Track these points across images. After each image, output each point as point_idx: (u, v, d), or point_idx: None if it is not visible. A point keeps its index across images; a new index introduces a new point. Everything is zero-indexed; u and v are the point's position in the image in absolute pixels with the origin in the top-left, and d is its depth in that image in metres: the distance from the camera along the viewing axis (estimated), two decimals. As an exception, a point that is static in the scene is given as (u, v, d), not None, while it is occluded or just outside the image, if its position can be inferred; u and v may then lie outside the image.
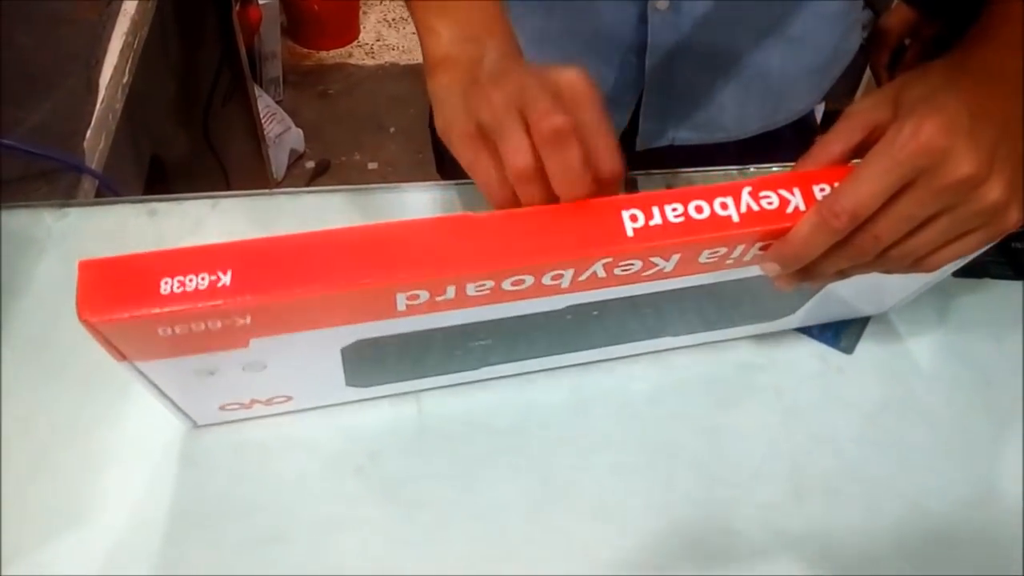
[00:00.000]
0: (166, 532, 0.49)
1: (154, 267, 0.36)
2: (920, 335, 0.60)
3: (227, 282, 0.36)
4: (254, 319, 0.38)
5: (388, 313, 0.41)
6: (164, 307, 0.36)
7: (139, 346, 0.39)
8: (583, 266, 0.40)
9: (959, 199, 0.37)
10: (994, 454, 0.55)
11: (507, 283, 0.40)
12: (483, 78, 0.42)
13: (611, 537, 0.50)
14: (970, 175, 0.36)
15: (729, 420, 0.55)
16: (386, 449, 0.53)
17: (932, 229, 0.39)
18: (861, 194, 0.37)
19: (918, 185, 0.37)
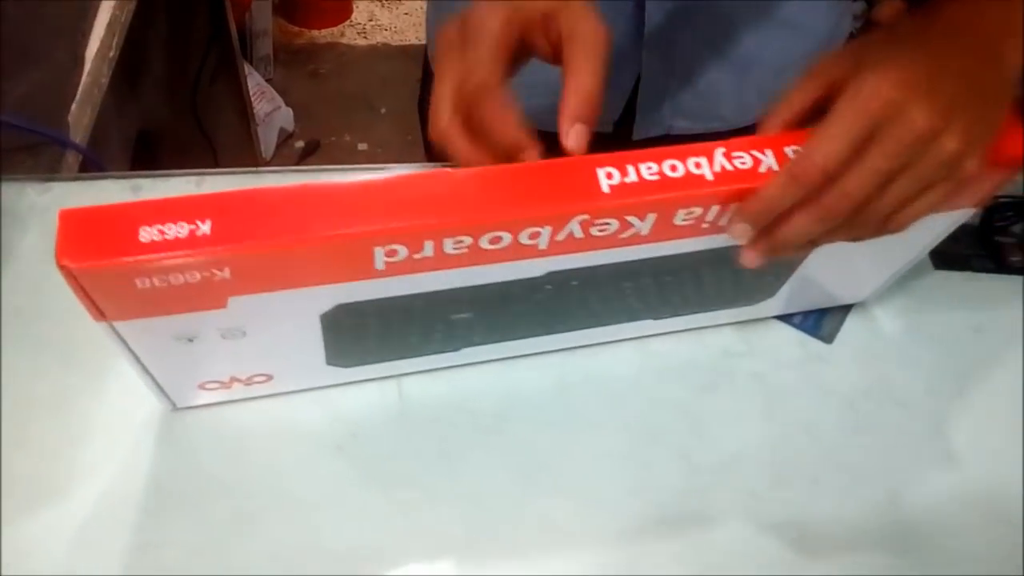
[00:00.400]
0: (143, 508, 0.49)
1: (134, 216, 0.37)
2: (901, 325, 0.61)
3: (207, 231, 0.37)
4: (233, 272, 0.38)
5: (366, 271, 0.41)
6: (143, 255, 0.36)
7: (117, 300, 0.39)
8: (560, 223, 0.41)
9: (920, 152, 0.38)
10: (972, 443, 0.55)
11: (485, 240, 0.40)
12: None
13: (591, 519, 0.51)
14: (928, 128, 0.37)
15: (710, 406, 0.56)
16: (367, 430, 0.53)
17: (898, 185, 0.39)
18: (829, 149, 0.38)
19: (882, 138, 0.38)
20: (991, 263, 0.66)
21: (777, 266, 0.52)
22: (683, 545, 0.50)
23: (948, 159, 0.39)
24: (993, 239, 0.67)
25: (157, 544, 0.48)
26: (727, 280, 0.52)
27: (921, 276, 0.64)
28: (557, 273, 0.45)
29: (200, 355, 0.46)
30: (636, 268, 0.47)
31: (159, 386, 0.49)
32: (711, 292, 0.53)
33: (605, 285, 0.49)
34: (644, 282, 0.50)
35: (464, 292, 0.45)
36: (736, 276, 0.52)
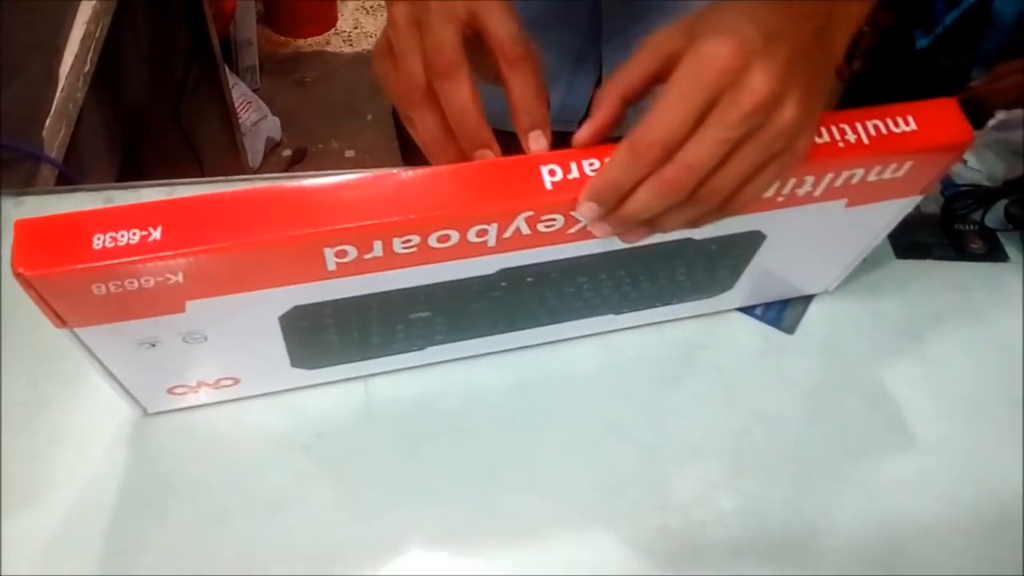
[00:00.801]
0: (115, 513, 0.50)
1: (87, 224, 0.38)
2: (862, 315, 0.62)
3: (158, 237, 0.38)
4: (186, 276, 0.39)
5: (319, 273, 0.42)
6: (96, 261, 0.37)
7: (75, 307, 0.40)
8: (506, 220, 0.42)
9: (760, 121, 0.37)
10: (932, 431, 0.56)
11: (433, 239, 0.41)
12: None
13: (553, 514, 0.51)
14: (768, 93, 0.36)
15: (671, 398, 0.57)
16: (334, 430, 0.54)
17: (741, 156, 0.38)
18: (669, 123, 0.37)
19: (721, 107, 0.37)
20: (952, 251, 0.66)
21: (730, 258, 0.53)
22: (645, 537, 0.51)
23: (788, 128, 0.38)
24: (953, 227, 0.68)
25: (129, 549, 0.49)
26: (682, 273, 0.53)
27: (883, 265, 0.65)
28: (510, 270, 0.46)
29: (164, 360, 0.47)
30: (588, 263, 0.48)
31: (128, 392, 0.50)
32: (667, 286, 0.54)
33: (560, 281, 0.50)
34: (599, 277, 0.51)
35: (419, 291, 0.46)
36: (691, 269, 0.53)
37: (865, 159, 0.45)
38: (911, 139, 0.45)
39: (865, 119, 0.45)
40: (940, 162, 0.48)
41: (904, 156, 0.46)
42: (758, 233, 0.51)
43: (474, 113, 0.42)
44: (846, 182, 0.46)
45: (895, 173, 0.47)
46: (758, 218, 0.49)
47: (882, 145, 0.45)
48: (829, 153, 0.44)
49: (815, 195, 0.47)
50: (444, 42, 0.41)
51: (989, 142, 0.73)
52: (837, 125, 0.44)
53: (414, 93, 0.42)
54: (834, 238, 0.54)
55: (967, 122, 0.46)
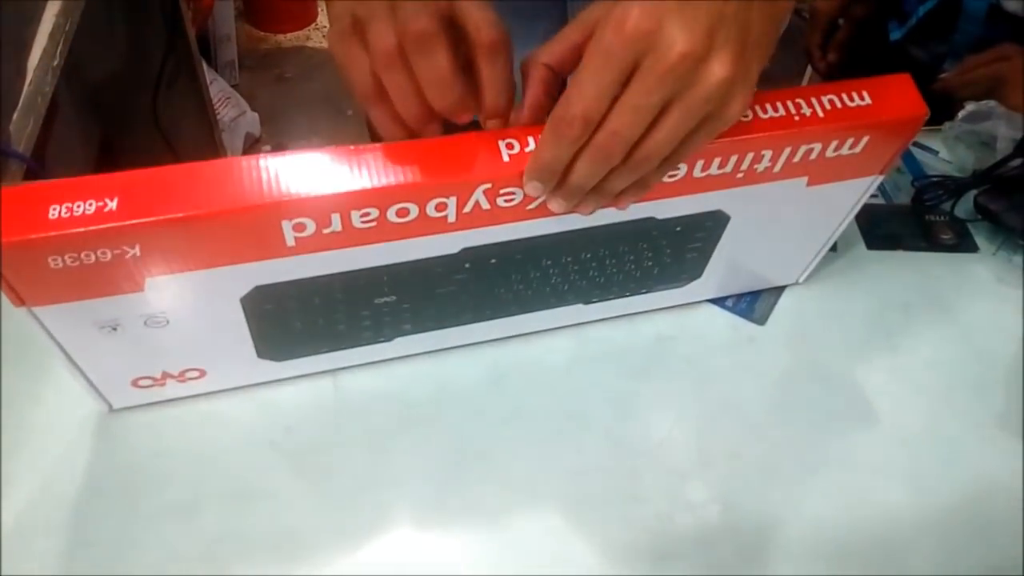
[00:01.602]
0: (80, 506, 0.49)
1: (44, 196, 0.38)
2: (832, 305, 0.62)
3: (113, 207, 0.38)
4: (143, 248, 0.39)
5: (278, 248, 0.42)
6: (51, 231, 0.37)
7: (33, 282, 0.40)
8: (464, 192, 0.42)
9: (683, 82, 0.36)
10: (900, 419, 0.57)
11: (392, 212, 0.42)
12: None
13: (522, 505, 0.51)
14: (685, 52, 0.35)
15: (641, 389, 0.57)
16: (301, 423, 0.53)
17: (667, 121, 0.37)
18: (587, 95, 0.37)
19: (639, 72, 0.36)
20: (922, 242, 0.67)
21: (695, 241, 0.53)
22: (614, 528, 0.51)
23: (715, 88, 0.36)
24: (924, 218, 0.68)
25: (95, 543, 0.48)
26: (648, 258, 0.53)
27: (854, 256, 0.65)
28: (472, 249, 0.46)
29: (127, 346, 0.46)
30: (551, 243, 0.48)
31: (92, 384, 0.49)
32: (634, 271, 0.54)
33: (525, 264, 0.50)
34: (564, 260, 0.51)
35: (382, 272, 0.46)
36: (657, 253, 0.53)
37: (821, 133, 0.46)
38: (866, 112, 0.46)
39: (820, 94, 0.46)
40: (897, 138, 0.49)
41: (860, 130, 0.46)
42: (721, 213, 0.51)
43: (456, 84, 0.40)
44: (804, 157, 0.47)
45: (852, 149, 0.47)
46: (720, 196, 0.49)
47: (837, 118, 0.45)
48: (785, 125, 0.44)
49: (775, 172, 0.47)
50: (418, 11, 0.39)
51: (959, 133, 0.73)
52: (793, 99, 0.45)
53: (384, 58, 0.40)
54: (799, 220, 0.54)
55: (921, 97, 0.47)
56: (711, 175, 0.46)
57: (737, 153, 0.45)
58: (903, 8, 1.04)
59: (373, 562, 0.49)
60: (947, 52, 0.99)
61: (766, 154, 0.46)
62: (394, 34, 0.40)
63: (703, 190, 0.47)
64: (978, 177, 0.68)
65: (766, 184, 0.48)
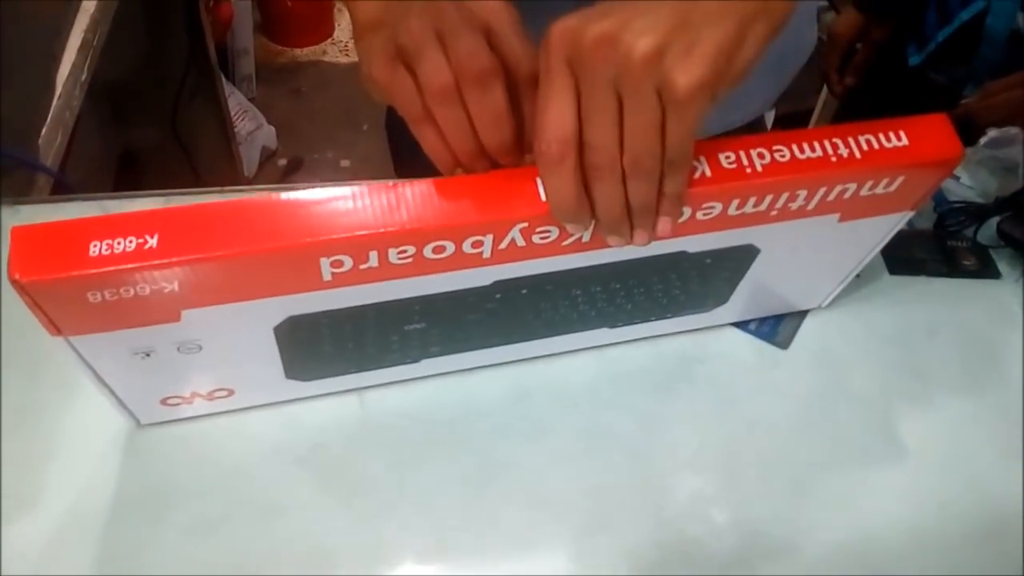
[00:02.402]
0: (109, 519, 0.50)
1: (84, 232, 0.38)
2: (856, 330, 0.62)
3: (154, 244, 0.38)
4: (181, 284, 0.39)
5: (314, 283, 0.42)
6: (92, 268, 0.37)
7: (71, 314, 0.40)
8: (501, 231, 0.42)
9: (616, 72, 0.36)
10: (925, 444, 0.57)
11: (428, 250, 0.42)
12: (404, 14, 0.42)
13: (547, 525, 0.51)
14: (598, 39, 0.36)
15: (665, 410, 0.57)
16: (328, 441, 0.54)
17: (627, 117, 0.37)
18: (548, 116, 0.38)
19: (580, 81, 0.37)
20: (944, 267, 0.67)
21: (724, 272, 0.53)
22: (638, 548, 0.51)
23: (641, 62, 0.36)
24: (946, 244, 0.68)
25: (123, 557, 0.49)
26: (677, 287, 0.53)
27: (876, 281, 0.65)
28: (504, 282, 0.46)
29: (158, 370, 0.47)
30: (582, 275, 0.48)
31: (121, 402, 0.50)
32: (662, 299, 0.55)
33: (554, 293, 0.50)
34: (593, 289, 0.51)
35: (414, 302, 0.46)
36: (685, 282, 0.53)
37: (857, 174, 0.46)
38: (903, 154, 0.46)
39: (857, 134, 0.45)
40: (931, 177, 0.49)
41: (896, 171, 0.46)
42: (752, 247, 0.51)
43: (510, 122, 0.41)
44: (838, 196, 0.47)
45: (887, 188, 0.47)
46: (752, 232, 0.49)
47: (874, 160, 0.45)
48: (821, 167, 0.44)
49: (808, 209, 0.47)
50: (478, 48, 0.40)
51: (982, 159, 0.73)
52: (830, 140, 0.45)
53: (440, 90, 0.40)
54: (827, 252, 0.55)
55: (958, 138, 0.47)
56: (745, 213, 0.46)
57: (772, 193, 0.45)
58: (923, 32, 1.04)
59: (398, 580, 0.49)
60: (967, 77, 1.00)
61: (801, 193, 0.46)
62: (449, 69, 0.40)
63: (736, 226, 0.48)
64: (1001, 203, 0.68)
65: (798, 220, 0.48)
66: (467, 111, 0.41)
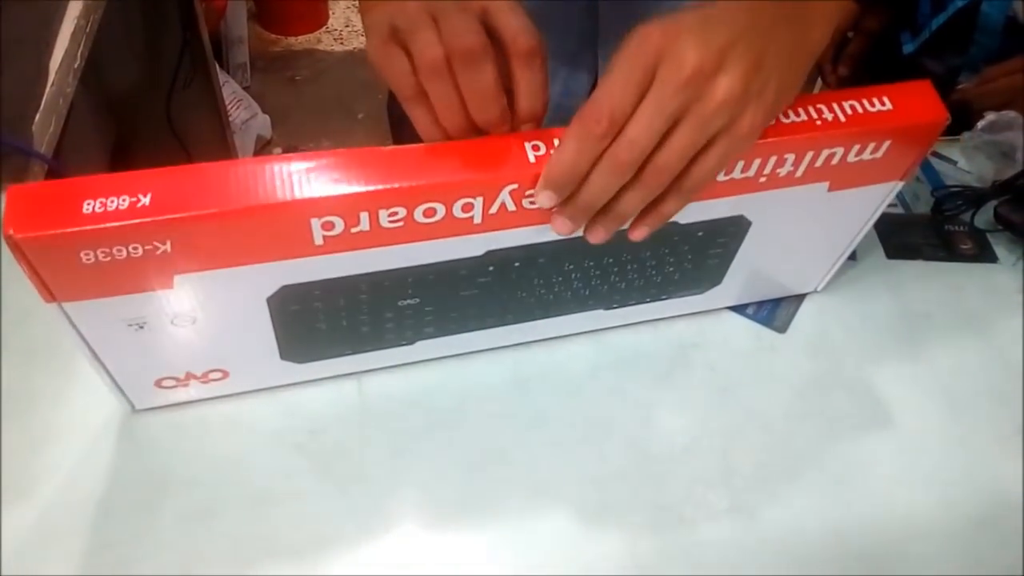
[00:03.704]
0: (104, 506, 0.49)
1: (78, 191, 0.38)
2: (853, 314, 0.62)
3: (147, 203, 0.38)
4: (174, 245, 0.40)
5: (306, 247, 0.42)
6: (85, 225, 0.38)
7: (64, 276, 0.40)
8: (491, 193, 0.42)
9: (694, 95, 0.38)
10: (922, 428, 0.57)
11: (419, 212, 0.42)
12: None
13: (542, 509, 0.51)
14: (698, 66, 0.38)
15: (664, 396, 0.57)
16: (326, 427, 0.54)
17: (679, 134, 0.39)
18: (611, 95, 0.39)
19: (655, 83, 0.38)
20: (942, 252, 0.67)
21: (717, 247, 0.53)
22: (636, 534, 0.51)
23: (723, 102, 0.39)
24: (943, 228, 0.68)
25: (119, 544, 0.48)
26: (670, 263, 0.54)
27: (874, 266, 0.65)
28: (496, 252, 0.47)
29: (152, 344, 0.47)
30: (575, 247, 0.48)
31: (116, 383, 0.50)
32: (655, 276, 0.55)
33: (547, 268, 0.50)
34: (586, 264, 0.51)
35: (407, 273, 0.47)
36: (678, 258, 0.53)
37: (843, 137, 0.46)
38: (887, 117, 0.46)
39: (841, 99, 0.46)
40: (917, 143, 0.49)
41: (881, 135, 0.47)
42: (743, 218, 0.51)
43: (500, 100, 0.42)
44: (826, 163, 0.47)
45: (874, 154, 0.48)
46: (742, 201, 0.49)
47: (859, 123, 0.46)
48: (807, 130, 0.45)
49: (797, 176, 0.48)
50: (468, 27, 0.41)
51: (979, 143, 0.73)
52: (814, 105, 0.46)
53: (431, 66, 0.41)
54: (819, 226, 0.55)
55: (941, 103, 0.47)
56: (734, 179, 0.46)
57: (760, 156, 0.45)
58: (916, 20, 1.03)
59: (395, 564, 0.49)
60: (962, 65, 0.99)
61: (788, 158, 0.46)
62: (440, 45, 0.40)
63: (726, 194, 0.48)
64: (998, 187, 0.68)
65: (787, 189, 0.49)
66: (458, 88, 0.41)
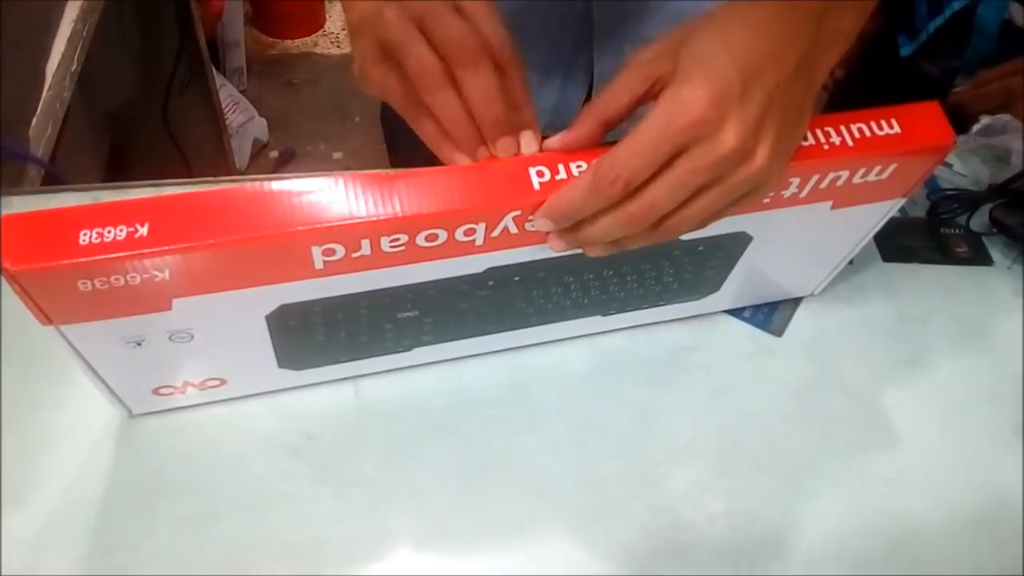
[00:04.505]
0: (100, 512, 0.49)
1: (74, 220, 0.38)
2: (849, 317, 0.62)
3: (144, 233, 0.38)
4: (172, 273, 0.39)
5: (306, 271, 0.42)
6: (82, 257, 0.37)
7: (61, 303, 0.40)
8: (494, 220, 0.42)
9: (727, 171, 0.38)
10: (917, 431, 0.57)
11: (421, 238, 0.42)
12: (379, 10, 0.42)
13: (541, 513, 0.52)
14: (736, 148, 0.37)
15: (660, 399, 0.57)
16: (323, 430, 0.54)
17: (703, 200, 0.39)
18: (635, 163, 0.37)
19: (690, 156, 0.37)
20: (937, 255, 0.67)
21: (716, 259, 0.53)
22: (632, 537, 0.51)
23: (755, 175, 0.39)
24: (939, 231, 0.68)
25: (115, 548, 0.48)
26: (669, 274, 0.53)
27: (869, 269, 0.65)
28: (497, 269, 0.46)
29: (150, 359, 0.46)
30: (575, 263, 0.48)
31: (113, 392, 0.49)
32: (655, 286, 0.55)
33: (548, 280, 0.50)
34: (586, 277, 0.51)
35: (407, 290, 0.46)
36: (678, 270, 0.53)
37: (850, 161, 0.46)
38: (895, 142, 0.46)
39: (850, 122, 0.46)
40: (924, 164, 0.49)
41: (888, 159, 0.46)
42: (744, 234, 0.51)
43: (501, 100, 0.41)
44: (831, 184, 0.47)
45: (879, 175, 0.48)
46: (744, 219, 0.49)
47: (866, 147, 0.45)
48: (814, 155, 0.44)
49: (801, 197, 0.47)
50: (462, 31, 0.40)
51: (974, 147, 0.74)
52: (822, 128, 0.45)
53: (430, 80, 0.41)
54: (820, 239, 0.55)
55: (949, 125, 0.47)
56: None
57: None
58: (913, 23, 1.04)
59: (392, 567, 0.49)
60: (958, 67, 1.00)
61: (793, 181, 0.46)
62: (435, 57, 0.40)
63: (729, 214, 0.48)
64: (993, 191, 0.69)
65: (791, 208, 0.49)
66: (459, 94, 0.41)
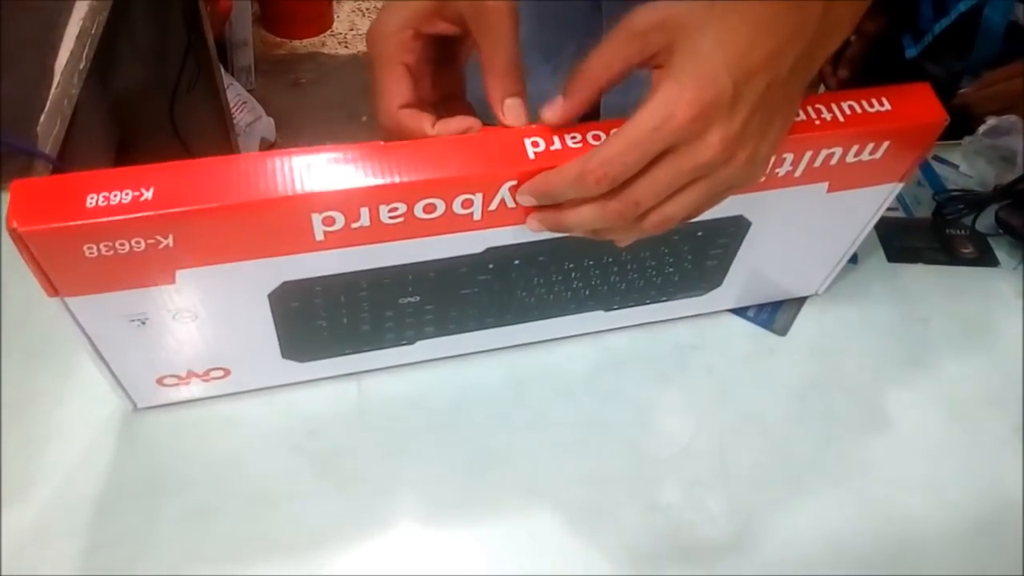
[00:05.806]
0: (104, 505, 0.50)
1: (82, 185, 0.39)
2: (853, 318, 0.62)
3: (149, 197, 0.39)
4: (176, 239, 0.40)
5: (307, 243, 0.43)
6: (88, 219, 0.38)
7: (67, 270, 0.41)
8: (490, 189, 0.43)
9: (710, 171, 0.39)
10: (919, 432, 0.57)
11: (419, 208, 0.42)
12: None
13: (540, 510, 0.51)
14: (720, 152, 0.38)
15: (662, 398, 0.57)
16: (325, 427, 0.54)
17: (685, 196, 0.40)
18: (624, 161, 0.38)
19: (675, 157, 0.38)
20: (943, 255, 0.67)
21: (716, 247, 0.54)
22: (633, 536, 0.51)
23: (738, 174, 0.39)
24: (944, 232, 0.68)
25: (117, 543, 0.49)
26: (668, 262, 0.54)
27: (874, 269, 0.65)
28: (496, 250, 0.47)
29: (154, 341, 0.47)
30: (573, 247, 0.48)
31: (118, 380, 0.50)
32: (655, 277, 0.55)
33: (547, 266, 0.50)
34: (586, 263, 0.51)
35: (407, 270, 0.47)
36: (676, 258, 0.54)
37: (842, 137, 0.46)
38: (886, 118, 0.46)
39: (840, 100, 0.46)
40: (916, 144, 0.49)
41: (880, 135, 0.47)
42: (742, 219, 0.51)
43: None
44: (825, 163, 0.47)
45: (873, 155, 0.48)
46: (741, 202, 0.49)
47: (858, 123, 0.46)
48: (806, 130, 0.45)
49: (796, 176, 0.48)
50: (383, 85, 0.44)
51: (980, 148, 0.73)
52: (813, 105, 0.46)
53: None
54: (819, 227, 0.55)
55: (940, 104, 0.47)
56: None
57: None
58: (918, 25, 1.03)
59: (393, 564, 0.49)
60: (964, 69, 0.99)
61: (787, 157, 0.46)
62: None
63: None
64: (999, 192, 0.68)
65: (787, 189, 0.49)
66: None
